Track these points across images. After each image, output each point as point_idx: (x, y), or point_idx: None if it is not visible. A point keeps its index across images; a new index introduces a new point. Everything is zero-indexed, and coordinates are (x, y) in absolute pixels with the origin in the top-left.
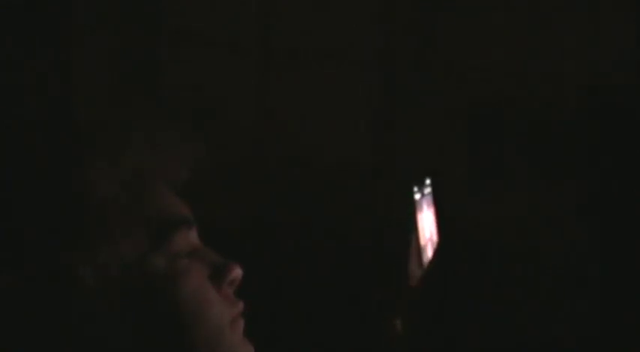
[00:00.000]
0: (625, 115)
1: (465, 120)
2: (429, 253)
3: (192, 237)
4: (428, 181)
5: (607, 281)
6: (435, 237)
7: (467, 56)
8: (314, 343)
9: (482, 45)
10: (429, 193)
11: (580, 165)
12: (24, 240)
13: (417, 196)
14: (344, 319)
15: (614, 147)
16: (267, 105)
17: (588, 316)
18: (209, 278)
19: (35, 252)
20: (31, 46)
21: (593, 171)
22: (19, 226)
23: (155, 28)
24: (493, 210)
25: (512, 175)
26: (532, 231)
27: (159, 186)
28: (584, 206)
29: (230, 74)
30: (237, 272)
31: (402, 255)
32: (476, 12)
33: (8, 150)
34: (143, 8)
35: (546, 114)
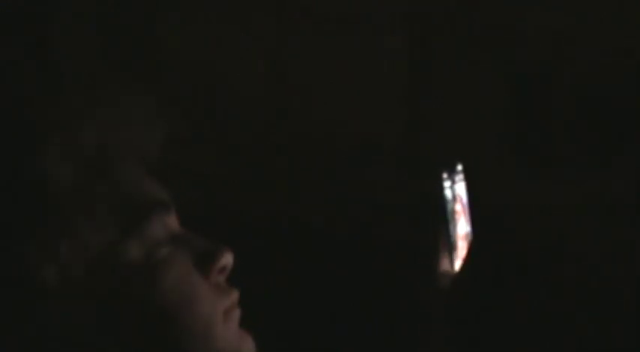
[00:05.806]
0: None
1: (505, 94)
2: (462, 251)
3: (171, 222)
4: (460, 167)
5: None
6: (469, 235)
7: (507, 19)
8: (324, 340)
9: (525, 6)
10: (460, 179)
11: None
12: None
13: (447, 184)
14: (360, 316)
15: None
16: (279, 72)
17: None
18: (195, 267)
19: None
20: None
21: None
22: None
23: None
24: (536, 200)
25: (562, 158)
26: (582, 227)
27: (128, 164)
28: None
29: (239, 41)
30: (228, 258)
31: (432, 252)
32: None
33: None
34: None
35: (603, 86)
